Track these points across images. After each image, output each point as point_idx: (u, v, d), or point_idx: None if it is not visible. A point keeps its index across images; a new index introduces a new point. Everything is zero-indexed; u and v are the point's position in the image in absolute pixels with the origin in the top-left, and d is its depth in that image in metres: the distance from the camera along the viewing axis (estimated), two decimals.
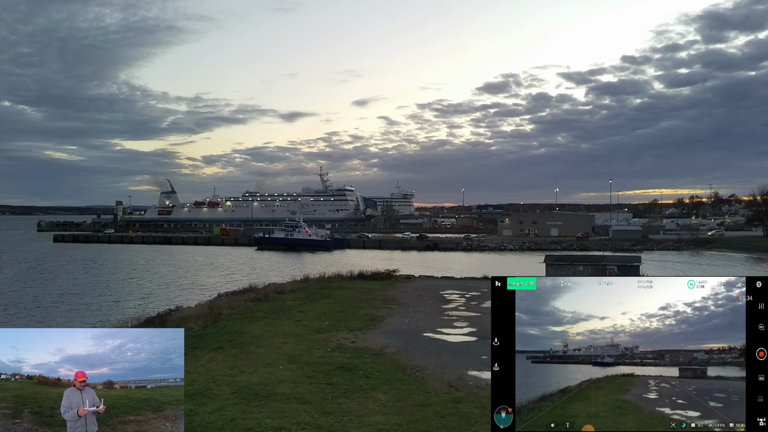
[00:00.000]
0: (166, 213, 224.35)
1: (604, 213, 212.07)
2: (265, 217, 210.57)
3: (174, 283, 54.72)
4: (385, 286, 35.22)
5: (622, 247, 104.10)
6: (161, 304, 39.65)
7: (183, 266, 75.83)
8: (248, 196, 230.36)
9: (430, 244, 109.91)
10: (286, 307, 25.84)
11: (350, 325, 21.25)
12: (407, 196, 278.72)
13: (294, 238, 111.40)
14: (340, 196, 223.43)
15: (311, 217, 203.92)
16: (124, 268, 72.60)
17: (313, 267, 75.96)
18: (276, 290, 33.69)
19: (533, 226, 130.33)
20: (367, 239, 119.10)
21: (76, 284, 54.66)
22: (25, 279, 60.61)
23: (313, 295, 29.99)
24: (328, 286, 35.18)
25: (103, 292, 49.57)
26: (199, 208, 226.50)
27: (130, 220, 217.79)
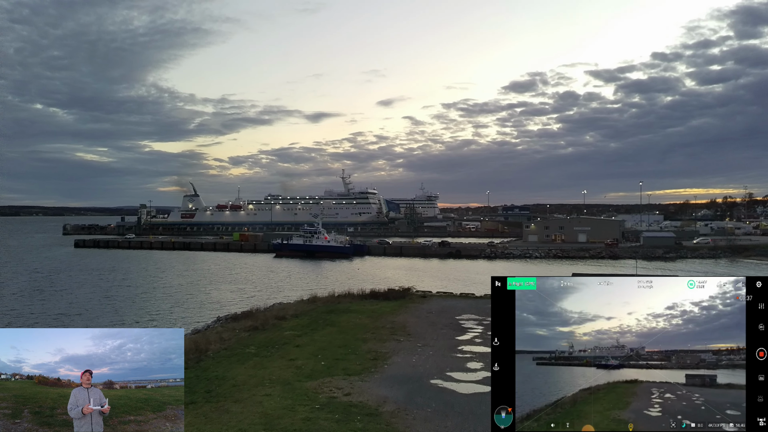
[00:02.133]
0: (189, 216, 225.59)
1: (633, 215, 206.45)
2: (288, 221, 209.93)
3: (181, 303, 53.00)
4: (398, 308, 33.08)
5: (654, 255, 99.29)
6: None
7: (196, 278, 74.32)
8: (270, 199, 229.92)
9: (452, 251, 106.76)
10: (282, 339, 23.95)
11: (349, 367, 18.97)
12: (431, 198, 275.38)
13: (313, 245, 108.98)
14: (362, 198, 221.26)
15: (333, 221, 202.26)
16: (134, 280, 71.06)
17: (330, 277, 73.61)
18: (277, 315, 31.58)
19: (560, 231, 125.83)
20: (388, 246, 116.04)
21: (73, 302, 52.53)
22: (31, 293, 59.01)
23: (316, 322, 28.18)
24: (335, 309, 33.09)
25: (101, 312, 47.23)
26: (221, 212, 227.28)
27: (153, 224, 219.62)
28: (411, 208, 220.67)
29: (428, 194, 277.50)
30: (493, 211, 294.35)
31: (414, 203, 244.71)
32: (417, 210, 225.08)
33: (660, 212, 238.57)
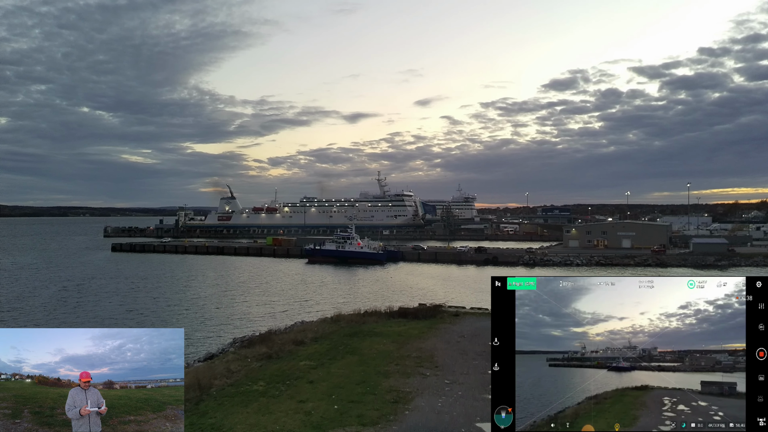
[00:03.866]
0: (226, 219, 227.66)
1: (680, 217, 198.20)
2: (323, 223, 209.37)
3: (207, 319, 51.29)
4: (427, 329, 30.97)
5: (705, 263, 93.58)
6: None
7: (226, 288, 72.84)
8: (305, 201, 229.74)
9: (489, 258, 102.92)
10: (296, 372, 21.90)
11: (365, 413, 16.73)
12: (469, 200, 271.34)
13: (345, 251, 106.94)
14: (398, 201, 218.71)
15: (369, 223, 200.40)
16: (163, 290, 70.26)
17: (361, 288, 71.43)
18: (295, 338, 29.73)
19: (602, 236, 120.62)
20: (422, 251, 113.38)
21: (96, 317, 51.29)
22: (55, 305, 58.23)
23: (336, 348, 26.18)
24: (359, 331, 31.07)
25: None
26: (257, 214, 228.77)
27: (191, 226, 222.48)
28: (448, 211, 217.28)
29: (465, 195, 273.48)
30: (532, 212, 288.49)
31: (451, 205, 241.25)
32: (454, 212, 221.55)
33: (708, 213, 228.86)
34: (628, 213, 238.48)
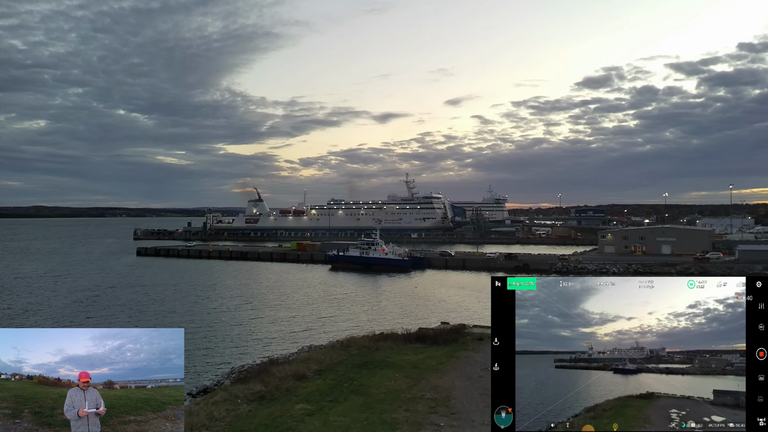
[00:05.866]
0: (253, 221, 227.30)
1: (720, 218, 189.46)
2: (350, 226, 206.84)
3: (219, 339, 48.30)
4: (446, 358, 28.45)
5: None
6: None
7: (245, 300, 70.36)
8: (333, 204, 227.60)
9: (519, 265, 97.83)
10: (288, 421, 19.56)
11: None
12: (499, 201, 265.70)
13: (369, 257, 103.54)
14: (426, 203, 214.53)
15: (396, 226, 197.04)
16: (180, 303, 68.25)
17: (383, 300, 67.89)
18: (297, 372, 27.23)
19: (640, 242, 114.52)
20: (450, 257, 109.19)
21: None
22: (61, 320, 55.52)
23: (340, 386, 23.86)
24: (370, 361, 28.60)
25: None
26: (284, 217, 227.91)
27: (218, 229, 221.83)
28: (477, 213, 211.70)
29: (496, 197, 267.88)
30: (565, 213, 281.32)
31: (481, 207, 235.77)
32: (484, 214, 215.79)
33: (749, 214, 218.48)
34: (666, 215, 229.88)
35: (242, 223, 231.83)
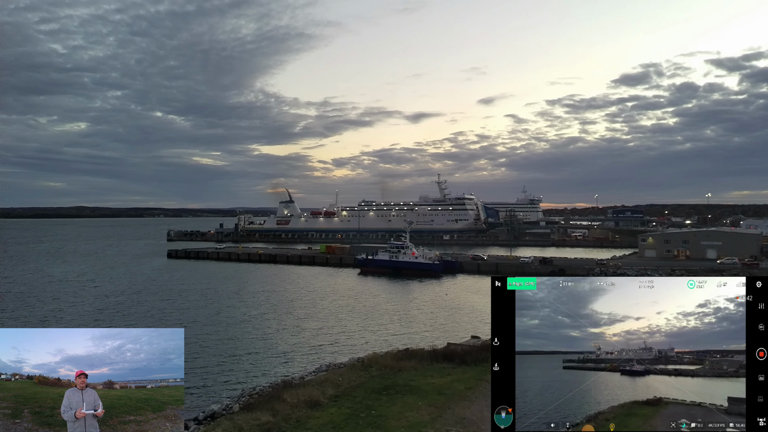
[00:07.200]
0: (284, 223, 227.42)
1: (765, 219, 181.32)
2: (381, 227, 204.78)
3: (237, 349, 47.06)
4: (475, 382, 26.25)
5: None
6: None
7: (269, 307, 69.12)
8: (364, 205, 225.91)
9: (555, 271, 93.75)
10: None
11: None
12: (534, 202, 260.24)
13: (399, 261, 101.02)
14: (458, 204, 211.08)
15: (428, 228, 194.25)
16: (201, 311, 66.95)
17: (412, 308, 65.19)
18: (310, 399, 25.33)
19: (684, 246, 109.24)
20: (482, 262, 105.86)
21: None
22: (78, 325, 53.84)
23: (356, 417, 21.87)
24: (392, 385, 26.70)
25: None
26: (315, 218, 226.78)
27: (250, 230, 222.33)
28: (511, 214, 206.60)
29: (531, 197, 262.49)
30: (602, 213, 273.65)
31: (515, 208, 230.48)
32: (518, 215, 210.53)
33: None
34: (709, 216, 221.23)
35: (273, 224, 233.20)
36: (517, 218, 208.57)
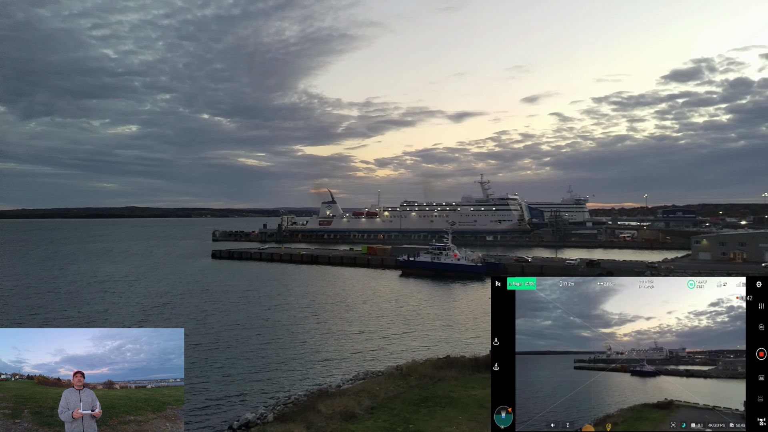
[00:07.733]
0: (327, 223, 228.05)
1: None
2: (424, 228, 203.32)
3: (278, 355, 46.57)
4: None
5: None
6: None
7: (309, 311, 68.35)
8: (406, 206, 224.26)
9: (602, 273, 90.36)
10: None
11: None
12: (580, 202, 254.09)
13: (441, 263, 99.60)
14: (502, 205, 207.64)
15: (471, 229, 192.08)
16: (241, 313, 67.09)
17: (455, 312, 63.71)
18: (345, 410, 24.60)
19: (740, 249, 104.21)
20: (526, 264, 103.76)
21: None
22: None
23: (392, 430, 21.24)
24: (431, 397, 25.65)
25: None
26: (357, 219, 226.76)
27: (293, 230, 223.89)
28: (556, 214, 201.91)
29: (577, 197, 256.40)
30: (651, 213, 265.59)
31: (560, 208, 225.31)
32: (563, 216, 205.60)
33: None
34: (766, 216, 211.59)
35: (316, 224, 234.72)
36: (562, 219, 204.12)
